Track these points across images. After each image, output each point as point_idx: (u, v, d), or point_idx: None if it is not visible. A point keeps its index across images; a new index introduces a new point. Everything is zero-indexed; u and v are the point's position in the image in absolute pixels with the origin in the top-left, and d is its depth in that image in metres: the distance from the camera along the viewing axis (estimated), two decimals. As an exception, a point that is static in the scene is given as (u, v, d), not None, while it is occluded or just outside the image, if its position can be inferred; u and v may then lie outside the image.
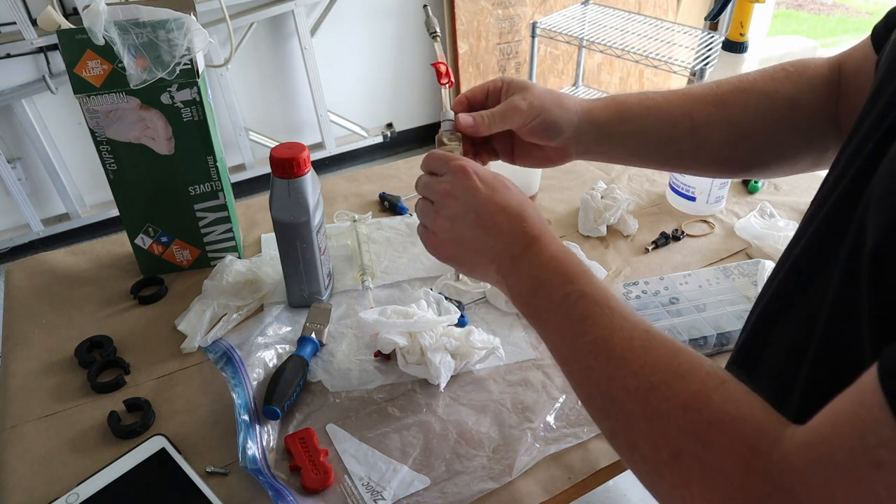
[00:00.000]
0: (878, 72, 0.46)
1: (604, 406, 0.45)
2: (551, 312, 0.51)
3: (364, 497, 0.62)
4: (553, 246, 0.54)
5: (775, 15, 4.17)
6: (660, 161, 0.68)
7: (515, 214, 0.55)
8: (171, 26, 0.75)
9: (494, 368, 0.77)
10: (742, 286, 0.84)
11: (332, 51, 2.59)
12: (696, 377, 0.41)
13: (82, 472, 0.64)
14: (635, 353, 0.44)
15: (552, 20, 2.33)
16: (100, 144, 0.80)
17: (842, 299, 0.39)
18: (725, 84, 0.64)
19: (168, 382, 0.75)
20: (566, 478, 0.65)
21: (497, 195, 0.56)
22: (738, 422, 0.37)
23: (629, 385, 0.43)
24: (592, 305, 0.48)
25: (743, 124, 0.63)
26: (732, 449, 0.36)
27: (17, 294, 0.89)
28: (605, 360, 0.45)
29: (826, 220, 0.44)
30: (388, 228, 1.00)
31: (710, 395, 0.39)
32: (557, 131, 0.64)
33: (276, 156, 0.73)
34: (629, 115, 0.65)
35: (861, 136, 0.43)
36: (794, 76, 0.63)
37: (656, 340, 0.44)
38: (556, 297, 0.50)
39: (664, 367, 0.42)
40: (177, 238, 0.89)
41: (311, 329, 0.78)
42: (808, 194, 1.07)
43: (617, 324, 0.46)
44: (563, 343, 0.50)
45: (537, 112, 0.62)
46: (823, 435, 0.33)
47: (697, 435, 0.38)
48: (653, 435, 0.41)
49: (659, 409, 0.41)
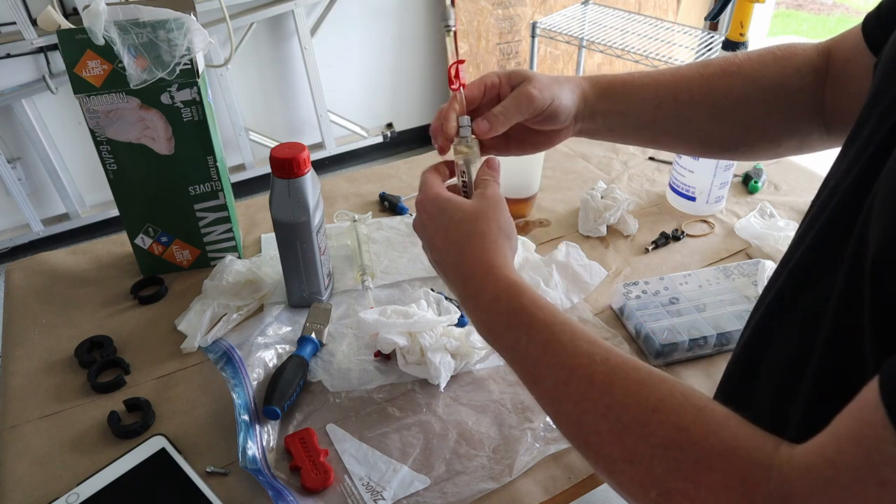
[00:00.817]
0: (877, 74, 0.46)
1: (581, 447, 0.44)
2: (509, 358, 0.50)
3: (364, 497, 0.62)
4: (489, 284, 0.52)
5: (775, 15, 4.17)
6: (647, 139, 0.68)
7: (455, 252, 0.55)
8: (171, 26, 0.75)
9: (494, 368, 0.77)
10: (742, 286, 0.84)
11: (332, 51, 2.59)
12: (669, 409, 0.39)
13: (82, 472, 0.64)
14: (599, 392, 0.42)
15: (552, 20, 2.33)
16: (100, 144, 0.80)
17: (845, 307, 0.38)
18: (712, 66, 0.64)
19: (168, 382, 0.75)
20: (566, 478, 0.65)
21: (440, 231, 0.57)
22: (725, 456, 0.36)
23: (600, 428, 0.41)
24: (543, 347, 0.47)
25: (726, 106, 0.63)
26: (726, 485, 0.35)
27: (17, 294, 0.89)
28: (571, 404, 0.44)
29: (827, 225, 0.44)
30: (388, 228, 1.00)
31: (690, 429, 0.37)
32: (566, 115, 0.63)
33: (276, 156, 0.73)
34: (615, 94, 0.65)
35: (862, 140, 0.42)
36: (782, 60, 0.62)
37: (618, 372, 0.42)
38: (506, 342, 0.50)
39: (632, 403, 0.40)
40: (177, 238, 0.89)
41: (311, 329, 0.78)
42: (809, 194, 1.07)
43: (573, 362, 0.44)
44: (530, 388, 0.49)
45: (550, 99, 0.61)
46: (827, 457, 0.32)
47: (685, 474, 0.37)
48: (637, 477, 0.39)
49: (637, 451, 0.39)
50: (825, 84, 0.61)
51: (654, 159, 1.18)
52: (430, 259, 0.60)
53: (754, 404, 0.48)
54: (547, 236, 0.99)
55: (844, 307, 0.38)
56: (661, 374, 0.42)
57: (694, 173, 0.99)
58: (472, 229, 0.55)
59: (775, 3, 3.83)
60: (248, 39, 2.38)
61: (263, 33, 2.44)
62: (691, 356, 0.77)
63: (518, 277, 0.53)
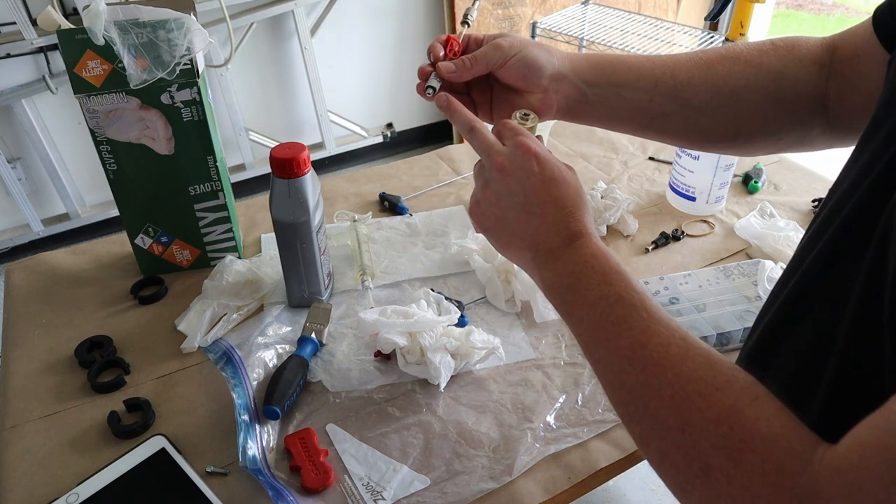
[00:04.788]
0: (892, 73, 0.45)
1: (636, 412, 0.44)
2: (586, 311, 0.49)
3: (364, 497, 0.62)
4: (594, 245, 0.52)
5: (775, 15, 4.17)
6: (644, 123, 0.66)
7: (564, 208, 0.54)
8: (171, 26, 0.75)
9: (494, 368, 0.77)
10: (742, 286, 0.84)
11: (332, 51, 2.59)
12: (730, 390, 0.40)
13: (82, 472, 0.64)
14: (671, 361, 0.43)
15: (552, 20, 2.33)
16: (100, 144, 0.80)
17: (862, 319, 0.38)
18: (711, 51, 0.63)
19: (168, 382, 0.75)
20: (566, 478, 0.65)
21: (552, 185, 0.54)
22: (769, 441, 0.37)
23: (664, 393, 0.42)
24: (630, 309, 0.47)
25: (726, 89, 0.62)
26: (762, 468, 0.36)
27: (17, 294, 0.89)
28: (641, 366, 0.44)
29: (842, 231, 0.43)
30: (388, 228, 1.00)
31: (744, 411, 0.38)
32: (537, 70, 0.62)
33: (276, 156, 0.73)
34: (611, 68, 0.64)
35: (878, 143, 0.41)
36: (783, 50, 0.62)
37: (693, 349, 0.43)
38: (592, 296, 0.49)
39: (700, 377, 0.41)
40: (177, 238, 0.89)
41: (311, 329, 0.78)
42: (809, 194, 1.07)
43: (654, 329, 0.45)
44: (596, 344, 0.48)
45: (517, 49, 0.61)
46: (852, 462, 0.32)
47: (728, 451, 0.37)
48: (684, 446, 0.40)
49: (691, 421, 0.40)
50: (829, 79, 0.60)
51: (654, 159, 1.18)
52: (505, 202, 0.56)
53: None
54: (547, 236, 0.99)
55: (862, 319, 0.38)
56: (730, 362, 0.43)
57: (694, 173, 0.99)
58: (583, 195, 0.56)
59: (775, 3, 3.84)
60: (248, 39, 2.38)
61: (263, 33, 2.44)
62: (691, 356, 0.77)
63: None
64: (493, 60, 0.62)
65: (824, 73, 0.60)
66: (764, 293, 0.82)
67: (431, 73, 0.63)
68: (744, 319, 0.78)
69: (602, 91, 0.63)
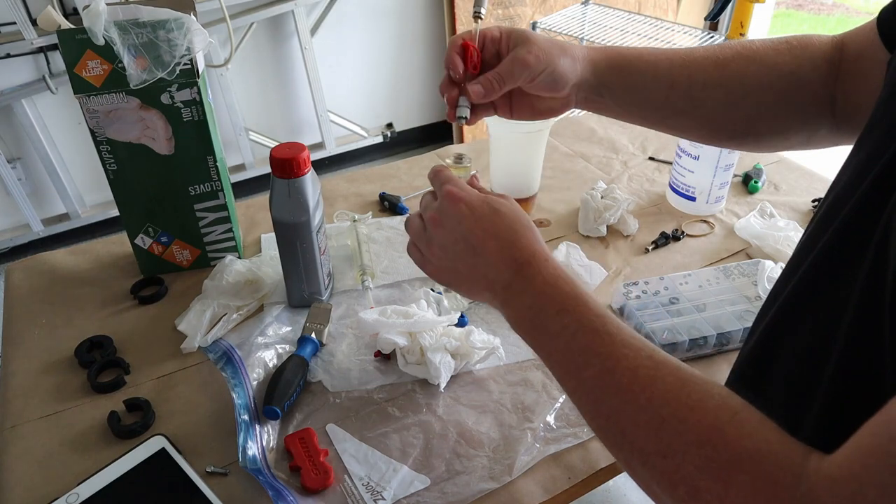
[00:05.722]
0: (892, 71, 0.44)
1: (615, 439, 0.44)
2: (552, 345, 0.50)
3: (364, 497, 0.62)
4: (546, 270, 0.52)
5: (775, 15, 4.17)
6: (657, 119, 0.67)
7: (505, 239, 0.54)
8: (171, 26, 0.75)
9: (494, 368, 0.77)
10: (742, 286, 0.84)
11: (332, 51, 2.59)
12: (707, 409, 0.39)
13: (82, 472, 0.64)
14: (641, 385, 0.42)
15: (552, 20, 2.33)
16: (100, 144, 0.80)
17: (862, 319, 0.38)
18: (728, 49, 0.63)
19: (168, 382, 0.75)
20: (566, 478, 0.65)
21: (485, 221, 0.55)
22: (757, 458, 0.36)
23: (639, 420, 0.42)
24: (592, 336, 0.47)
25: (740, 90, 0.62)
26: (755, 486, 0.35)
27: (17, 294, 0.89)
28: (612, 394, 0.44)
29: (841, 232, 0.43)
30: (388, 228, 1.00)
31: (725, 430, 0.38)
32: (564, 82, 0.62)
33: (276, 156, 0.73)
34: (628, 68, 0.64)
35: (875, 143, 0.41)
36: (797, 50, 0.62)
37: (663, 368, 0.43)
38: (553, 329, 0.49)
39: (673, 398, 0.41)
40: (177, 238, 0.89)
41: (311, 329, 0.78)
42: (809, 194, 1.07)
43: (620, 353, 0.45)
44: (567, 376, 0.48)
45: (544, 65, 0.61)
46: (853, 471, 0.32)
47: (716, 473, 0.37)
48: (668, 472, 0.39)
49: (672, 446, 0.39)
50: (837, 78, 0.60)
51: (654, 159, 1.18)
52: (451, 253, 0.57)
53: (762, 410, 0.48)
54: (547, 236, 0.99)
55: (863, 320, 0.38)
56: (702, 376, 0.42)
57: (694, 173, 0.99)
58: (522, 221, 0.56)
59: (775, 3, 3.84)
60: (248, 39, 2.38)
61: (263, 33, 2.44)
62: (691, 356, 0.77)
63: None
64: (521, 78, 0.62)
65: (834, 73, 0.60)
66: (764, 293, 0.82)
67: (458, 96, 0.63)
68: (744, 319, 0.78)
69: (619, 92, 0.64)
